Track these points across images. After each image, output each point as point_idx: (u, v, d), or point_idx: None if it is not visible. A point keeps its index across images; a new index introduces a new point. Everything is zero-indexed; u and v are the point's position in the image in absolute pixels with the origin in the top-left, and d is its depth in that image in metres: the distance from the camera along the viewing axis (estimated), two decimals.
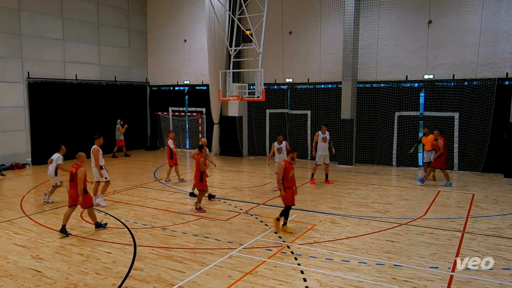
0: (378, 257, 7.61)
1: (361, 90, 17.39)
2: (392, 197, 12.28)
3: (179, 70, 22.58)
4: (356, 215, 10.37)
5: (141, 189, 13.34)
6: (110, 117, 21.36)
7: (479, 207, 10.95)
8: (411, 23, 16.37)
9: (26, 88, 17.84)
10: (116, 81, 21.84)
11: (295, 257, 7.67)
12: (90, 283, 6.69)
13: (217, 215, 10.43)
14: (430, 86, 16.15)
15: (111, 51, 21.59)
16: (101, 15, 20.94)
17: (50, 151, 18.34)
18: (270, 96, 19.06)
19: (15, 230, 9.37)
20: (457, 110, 15.68)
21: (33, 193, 13.13)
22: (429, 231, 9.05)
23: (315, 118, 18.48)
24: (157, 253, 7.93)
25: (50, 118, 18.55)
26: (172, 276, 6.90)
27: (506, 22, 14.67)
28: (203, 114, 21.82)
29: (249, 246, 8.26)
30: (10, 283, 6.72)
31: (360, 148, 17.52)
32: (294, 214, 10.29)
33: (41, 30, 18.26)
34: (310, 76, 18.65)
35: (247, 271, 7.06)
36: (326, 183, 13.96)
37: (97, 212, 10.23)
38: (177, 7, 22.20)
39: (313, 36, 18.33)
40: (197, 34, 21.57)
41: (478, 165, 15.37)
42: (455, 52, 15.69)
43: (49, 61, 18.72)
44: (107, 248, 8.18)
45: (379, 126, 17.13)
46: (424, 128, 14.42)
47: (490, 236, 8.70)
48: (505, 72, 14.90)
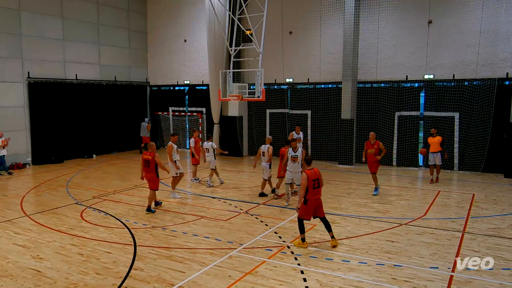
0: (378, 257, 7.61)
1: (361, 90, 17.38)
2: (392, 197, 12.28)
3: (179, 70, 22.59)
4: (356, 215, 10.37)
5: (142, 189, 13.33)
6: (110, 117, 21.40)
7: (479, 207, 10.95)
8: (411, 23, 16.37)
9: (26, 88, 17.85)
10: (116, 81, 21.84)
11: (295, 257, 7.67)
12: (90, 283, 6.69)
13: (217, 215, 10.43)
14: (430, 86, 16.15)
15: (111, 51, 21.59)
16: (101, 15, 20.94)
17: (50, 151, 18.57)
18: (270, 96, 19.06)
19: (15, 230, 9.37)
20: (457, 110, 15.67)
21: (33, 193, 13.13)
22: (429, 231, 9.05)
23: (315, 118, 18.49)
24: (157, 253, 7.93)
25: (50, 118, 18.57)
26: (172, 276, 6.90)
27: (506, 22, 14.67)
28: (203, 114, 21.82)
29: (249, 246, 8.26)
30: (10, 283, 6.72)
31: (360, 148, 17.48)
32: (294, 214, 10.30)
33: (41, 30, 18.27)
34: (310, 76, 18.65)
35: (247, 271, 7.06)
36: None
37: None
38: (177, 7, 22.20)
39: (313, 36, 18.33)
40: (197, 34, 21.57)
41: (478, 165, 15.36)
42: (455, 52, 15.69)
43: (49, 61, 18.72)
44: (107, 248, 8.18)
45: (379, 126, 17.13)
46: (432, 129, 14.01)
47: (490, 236, 8.69)
48: (505, 72, 14.89)
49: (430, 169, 13.88)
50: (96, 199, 12.05)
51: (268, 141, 12.51)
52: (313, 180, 7.94)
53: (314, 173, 8.04)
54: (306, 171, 8.04)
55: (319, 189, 8.10)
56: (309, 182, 7.88)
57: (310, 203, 8.00)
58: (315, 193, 8.01)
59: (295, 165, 10.85)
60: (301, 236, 8.24)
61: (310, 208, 8.04)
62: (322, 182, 8.23)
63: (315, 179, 7.99)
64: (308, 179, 7.87)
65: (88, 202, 11.78)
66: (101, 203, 11.61)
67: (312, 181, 7.92)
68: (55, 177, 15.42)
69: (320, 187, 8.14)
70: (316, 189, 8.02)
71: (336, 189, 13.30)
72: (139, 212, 10.78)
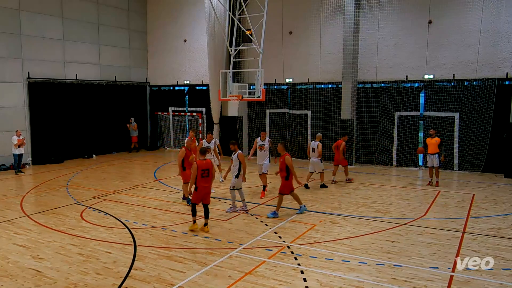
0: (378, 257, 7.60)
1: (361, 90, 17.38)
2: (392, 197, 12.28)
3: (179, 70, 22.59)
4: (356, 215, 10.37)
5: (141, 189, 13.34)
6: (110, 117, 21.41)
7: (479, 207, 10.95)
8: (411, 23, 16.37)
9: (26, 88, 17.85)
10: (116, 81, 21.84)
11: (295, 257, 7.67)
12: (90, 283, 6.69)
13: (217, 215, 10.43)
14: (430, 86, 16.15)
15: (111, 51, 21.60)
16: (101, 15, 20.95)
17: (50, 151, 18.57)
18: (270, 96, 19.06)
19: (15, 230, 9.37)
20: (457, 110, 15.68)
21: (33, 193, 13.13)
22: (429, 231, 9.05)
23: (315, 118, 18.49)
24: (157, 253, 7.93)
25: (50, 118, 18.58)
26: (172, 276, 6.89)
27: (506, 22, 14.67)
28: (203, 114, 21.82)
29: (249, 246, 8.26)
30: (10, 283, 6.72)
31: (360, 148, 17.52)
32: (294, 214, 10.31)
33: (41, 30, 18.27)
34: (310, 76, 18.65)
35: (247, 271, 7.06)
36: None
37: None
38: (177, 7, 22.20)
39: (313, 36, 18.33)
40: (197, 34, 21.57)
41: (478, 165, 15.36)
42: (455, 52, 15.69)
43: (49, 61, 18.73)
44: (107, 248, 8.18)
45: (379, 126, 17.13)
46: (431, 130, 13.77)
47: (490, 236, 8.69)
48: (505, 72, 14.90)
49: (429, 171, 13.78)
50: (96, 199, 12.05)
51: (318, 138, 13.42)
52: (202, 170, 9.00)
53: (206, 164, 9.11)
54: (198, 161, 9.10)
55: (208, 178, 9.13)
56: (199, 171, 8.96)
57: (200, 189, 9.09)
58: (204, 182, 9.09)
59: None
60: (193, 219, 9.26)
61: (199, 194, 9.13)
62: (212, 174, 9.25)
63: (205, 169, 9.05)
64: (198, 168, 8.95)
65: (88, 202, 11.78)
66: (101, 203, 11.61)
67: (201, 171, 8.99)
68: (55, 177, 15.42)
69: (210, 177, 9.17)
70: (205, 178, 9.08)
71: (336, 189, 13.30)
72: (139, 212, 10.78)
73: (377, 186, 13.69)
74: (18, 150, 16.04)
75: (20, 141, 16.01)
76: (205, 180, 9.09)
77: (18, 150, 16.04)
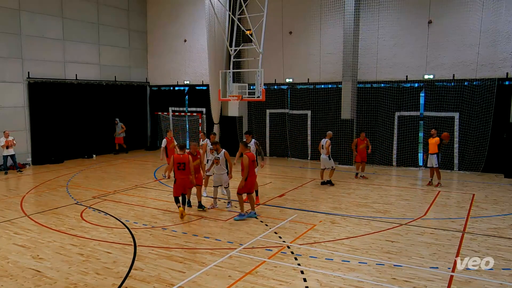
0: (378, 257, 7.60)
1: (361, 90, 17.38)
2: (392, 197, 12.28)
3: (179, 70, 22.58)
4: (356, 215, 10.37)
5: (141, 189, 13.34)
6: (110, 117, 21.40)
7: (479, 207, 10.95)
8: (411, 23, 16.37)
9: (26, 88, 17.86)
10: (116, 81, 21.84)
11: (295, 257, 7.67)
12: (90, 283, 6.69)
13: (217, 215, 10.43)
14: (430, 86, 16.15)
15: (111, 51, 21.60)
16: (101, 15, 20.94)
17: (50, 151, 18.57)
18: (270, 96, 19.06)
19: (15, 230, 9.37)
20: (457, 110, 15.67)
21: (33, 193, 13.13)
22: (429, 231, 9.05)
23: (315, 118, 18.49)
24: (157, 253, 7.93)
25: (50, 118, 18.58)
26: (172, 276, 6.89)
27: (506, 22, 14.67)
28: (203, 114, 21.81)
29: (249, 246, 8.26)
30: (10, 283, 6.72)
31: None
32: (294, 214, 10.31)
33: (41, 30, 18.27)
34: (310, 76, 18.64)
35: (247, 271, 7.06)
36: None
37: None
38: (177, 7, 22.20)
39: (313, 36, 18.33)
40: (197, 34, 21.57)
41: (478, 165, 15.36)
42: (455, 52, 15.68)
43: (49, 61, 18.73)
44: (107, 248, 8.18)
45: (379, 126, 17.13)
46: (432, 130, 13.71)
47: (490, 236, 8.69)
48: (505, 72, 14.89)
49: (430, 171, 13.79)
50: (96, 199, 12.05)
51: (329, 136, 13.81)
52: (178, 163, 9.89)
53: (182, 158, 9.94)
54: (175, 155, 10.12)
55: (184, 171, 9.92)
56: (175, 164, 9.91)
57: (178, 182, 10.00)
58: (180, 174, 9.94)
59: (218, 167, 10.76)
60: (178, 205, 10.12)
61: (178, 187, 10.02)
62: (189, 167, 9.94)
63: (181, 162, 9.88)
64: (174, 162, 9.92)
65: (88, 202, 11.78)
66: (101, 203, 11.61)
67: (177, 164, 9.89)
68: (55, 177, 15.42)
69: (186, 170, 9.91)
70: (181, 170, 9.92)
71: (336, 189, 13.30)
72: (139, 212, 10.78)
73: (377, 186, 13.69)
74: (6, 151, 15.90)
75: (8, 142, 15.87)
76: (181, 172, 9.95)
77: (6, 151, 15.90)
